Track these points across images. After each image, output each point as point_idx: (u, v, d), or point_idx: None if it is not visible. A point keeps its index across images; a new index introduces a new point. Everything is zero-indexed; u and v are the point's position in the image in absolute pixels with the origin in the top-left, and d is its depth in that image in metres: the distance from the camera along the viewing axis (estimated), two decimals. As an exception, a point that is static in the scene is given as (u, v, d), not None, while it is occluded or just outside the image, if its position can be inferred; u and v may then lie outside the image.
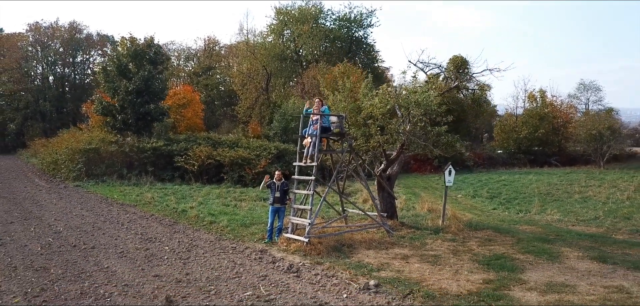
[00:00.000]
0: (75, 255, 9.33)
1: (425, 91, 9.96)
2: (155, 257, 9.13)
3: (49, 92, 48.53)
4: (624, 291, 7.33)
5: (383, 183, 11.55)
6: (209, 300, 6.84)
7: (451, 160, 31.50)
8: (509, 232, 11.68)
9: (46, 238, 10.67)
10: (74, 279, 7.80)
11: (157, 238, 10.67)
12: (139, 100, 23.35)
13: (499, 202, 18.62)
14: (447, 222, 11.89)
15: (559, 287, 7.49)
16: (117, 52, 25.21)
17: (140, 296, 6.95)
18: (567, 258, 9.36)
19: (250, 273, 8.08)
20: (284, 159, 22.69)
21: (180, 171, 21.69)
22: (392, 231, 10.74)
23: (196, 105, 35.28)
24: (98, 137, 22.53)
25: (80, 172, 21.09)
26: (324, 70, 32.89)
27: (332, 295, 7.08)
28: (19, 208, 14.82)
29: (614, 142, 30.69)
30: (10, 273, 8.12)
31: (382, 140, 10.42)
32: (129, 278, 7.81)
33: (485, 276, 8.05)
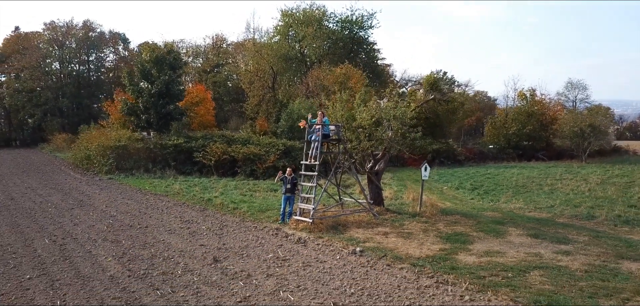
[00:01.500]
0: (134, 232, 12.39)
1: (400, 107, 12.90)
2: (197, 233, 12.18)
3: (67, 89, 51.67)
4: (538, 256, 10.29)
5: (371, 177, 14.53)
6: (243, 260, 9.87)
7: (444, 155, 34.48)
8: (473, 217, 14.64)
9: (106, 221, 13.73)
10: (141, 247, 10.86)
11: (194, 220, 13.72)
12: (161, 101, 26.38)
13: (478, 193, 21.53)
14: (424, 208, 14.86)
15: (492, 253, 10.46)
16: (140, 58, 28.07)
17: (195, 258, 9.98)
18: (509, 235, 12.33)
19: (270, 244, 11.11)
20: (290, 155, 25.66)
21: (199, 165, 24.76)
22: (377, 215, 13.73)
23: (208, 103, 38.27)
24: (126, 135, 25.59)
25: (111, 166, 24.19)
26: (327, 72, 35.79)
27: (329, 257, 10.10)
28: (70, 197, 17.91)
29: (594, 138, 33.47)
30: (93, 243, 11.18)
31: (369, 145, 13.40)
32: (182, 247, 10.86)
33: (443, 246, 11.03)
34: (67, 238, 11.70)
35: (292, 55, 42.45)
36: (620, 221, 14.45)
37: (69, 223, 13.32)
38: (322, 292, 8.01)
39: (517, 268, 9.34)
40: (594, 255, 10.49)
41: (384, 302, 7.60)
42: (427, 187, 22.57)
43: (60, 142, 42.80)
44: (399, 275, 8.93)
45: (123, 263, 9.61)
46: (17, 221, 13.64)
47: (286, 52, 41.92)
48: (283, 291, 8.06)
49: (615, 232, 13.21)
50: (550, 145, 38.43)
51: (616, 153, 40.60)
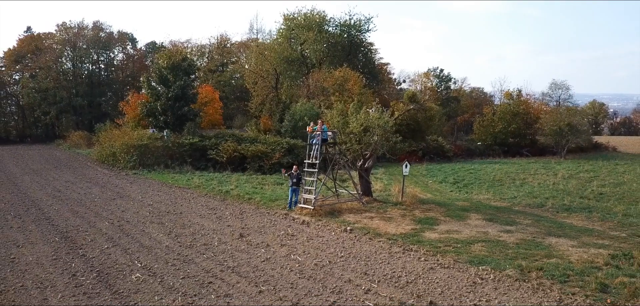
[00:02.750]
0: (172, 217, 15.76)
1: (383, 117, 16.22)
2: (222, 217, 15.56)
3: (80, 88, 54.96)
4: (485, 234, 13.65)
5: (362, 173, 17.88)
6: (262, 235, 13.25)
7: (434, 152, 37.71)
8: (445, 205, 17.99)
9: (146, 208, 17.10)
10: (182, 227, 14.22)
11: (218, 208, 17.10)
12: (177, 104, 29.71)
13: (458, 186, 24.89)
14: (405, 198, 18.20)
15: (451, 232, 13.82)
16: (158, 65, 31.33)
17: (225, 234, 13.36)
18: (469, 219, 15.70)
19: (281, 224, 14.50)
20: (293, 152, 28.97)
21: (212, 161, 28.12)
22: (365, 203, 17.10)
23: (216, 103, 41.66)
24: (147, 135, 28.93)
25: (135, 162, 27.56)
26: (326, 74, 39.07)
27: (326, 233, 13.47)
28: (108, 190, 21.29)
29: (571, 136, 36.81)
30: (144, 226, 14.55)
31: (359, 147, 16.74)
32: (213, 227, 14.23)
33: (414, 227, 14.38)
34: (121, 221, 15.08)
35: (294, 57, 45.70)
36: (563, 209, 17.83)
37: (118, 210, 16.71)
38: (321, 255, 11.39)
39: (466, 241, 12.71)
40: (528, 233, 13.86)
41: (364, 262, 10.98)
42: (414, 180, 25.97)
43: (76, 139, 46.11)
44: (377, 245, 12.32)
45: (172, 238, 13.00)
46: (74, 208, 17.02)
47: (288, 54, 45.16)
48: (293, 255, 11.44)
49: (555, 217, 16.60)
50: (535, 142, 41.80)
51: (597, 150, 43.96)
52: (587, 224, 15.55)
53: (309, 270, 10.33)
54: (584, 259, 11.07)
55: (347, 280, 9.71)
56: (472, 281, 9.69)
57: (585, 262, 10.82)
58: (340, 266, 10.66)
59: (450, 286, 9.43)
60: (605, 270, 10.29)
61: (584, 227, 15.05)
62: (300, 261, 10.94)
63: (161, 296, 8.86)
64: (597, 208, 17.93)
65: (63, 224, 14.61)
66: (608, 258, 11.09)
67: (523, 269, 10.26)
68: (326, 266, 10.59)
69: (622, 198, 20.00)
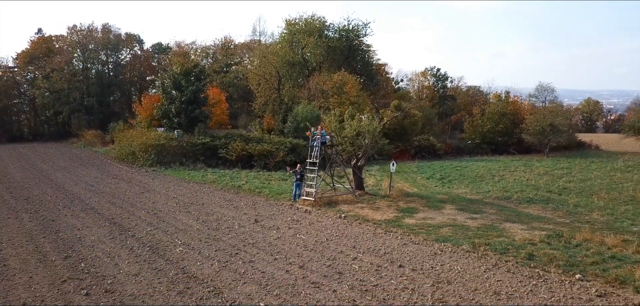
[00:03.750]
0: (197, 207, 19.03)
1: (373, 124, 19.47)
2: (238, 207, 18.84)
3: (92, 89, 58.19)
4: (454, 220, 16.92)
5: (355, 170, 21.15)
6: (273, 220, 16.53)
7: (426, 150, 40.87)
8: (426, 198, 21.24)
9: (172, 200, 20.37)
10: (207, 215, 17.51)
11: (233, 200, 20.38)
12: (190, 107, 32.95)
13: (442, 182, 28.10)
14: (392, 192, 21.47)
15: (427, 219, 17.08)
16: (172, 71, 34.53)
17: (243, 220, 16.64)
18: (444, 209, 18.96)
19: (287, 213, 17.78)
20: (295, 151, 32.18)
21: (222, 160, 31.37)
22: (358, 196, 20.37)
23: (223, 104, 44.88)
24: (163, 135, 32.19)
25: (153, 160, 30.82)
26: (326, 78, 42.27)
27: (324, 219, 16.76)
28: (134, 185, 24.56)
29: (552, 135, 40.04)
30: (174, 214, 17.83)
31: (353, 148, 20.00)
32: (232, 215, 17.52)
33: (397, 214, 17.65)
34: (154, 210, 18.37)
35: (296, 60, 48.87)
36: (526, 201, 21.08)
37: (149, 202, 20.00)
38: (320, 235, 14.67)
39: (437, 226, 15.99)
40: (490, 219, 17.13)
41: (353, 239, 14.25)
42: (404, 176, 29.23)
43: (90, 137, 49.33)
44: (364, 228, 15.61)
45: (200, 223, 16.29)
46: (111, 200, 20.30)
47: (290, 58, 48.34)
48: (298, 235, 14.73)
49: (516, 208, 19.86)
50: (521, 141, 45.00)
51: (580, 148, 47.21)
52: (541, 213, 18.81)
53: (310, 245, 13.61)
54: (525, 238, 14.34)
55: (340, 252, 12.99)
56: (434, 253, 12.98)
57: (525, 240, 14.08)
58: (335, 242, 13.94)
59: (417, 255, 12.72)
60: (539, 245, 13.54)
61: (537, 215, 18.31)
62: (304, 239, 14.23)
63: (202, 262, 12.14)
64: (555, 200, 21.20)
65: (107, 212, 17.91)
66: (544, 237, 14.35)
67: (475, 244, 13.55)
68: (324, 243, 13.87)
69: (581, 192, 23.26)
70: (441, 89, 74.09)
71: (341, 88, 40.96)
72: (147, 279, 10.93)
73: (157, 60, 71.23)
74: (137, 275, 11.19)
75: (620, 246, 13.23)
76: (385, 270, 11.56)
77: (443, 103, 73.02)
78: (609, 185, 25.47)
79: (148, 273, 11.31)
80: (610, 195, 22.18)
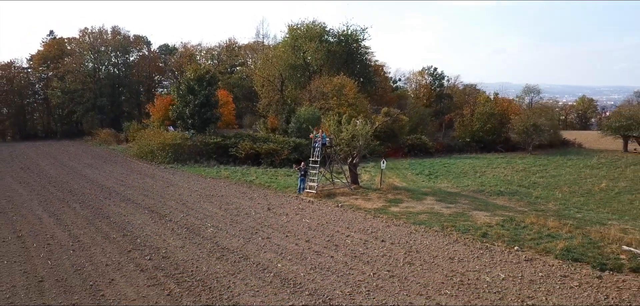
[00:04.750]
0: (216, 198, 22.82)
1: (365, 127, 23.26)
2: (253, 198, 22.64)
3: (104, 90, 61.92)
4: (432, 208, 20.70)
5: (351, 167, 24.94)
6: (282, 208, 20.34)
7: (418, 148, 44.49)
8: (412, 191, 25.00)
9: (194, 193, 24.16)
10: (227, 205, 21.30)
11: (247, 193, 24.18)
12: (203, 110, 36.72)
13: (430, 177, 31.87)
14: (383, 185, 25.24)
15: (409, 208, 20.86)
16: (187, 77, 38.22)
17: (257, 208, 20.45)
18: (426, 200, 22.74)
19: (294, 202, 21.60)
20: (298, 149, 35.90)
21: (233, 157, 35.13)
22: (353, 189, 24.17)
23: (230, 105, 48.62)
24: (179, 135, 35.97)
25: (170, 158, 34.59)
26: (326, 81, 45.98)
27: (324, 208, 20.57)
28: (157, 180, 28.32)
29: (536, 135, 43.78)
30: (199, 203, 21.63)
31: (348, 149, 23.80)
32: (248, 204, 21.32)
33: (385, 204, 21.43)
34: (182, 200, 22.16)
35: (298, 64, 52.59)
36: (496, 193, 24.85)
37: (175, 194, 23.79)
38: (321, 220, 18.47)
39: (416, 213, 19.76)
40: (461, 208, 20.89)
41: (347, 223, 18.05)
42: (396, 172, 32.99)
43: (105, 136, 53.10)
44: (357, 214, 19.40)
45: (223, 210, 20.09)
46: (143, 193, 24.08)
47: (292, 61, 52.06)
48: (303, 219, 18.53)
49: (487, 199, 23.63)
50: (508, 139, 48.74)
51: (564, 146, 50.95)
52: (507, 203, 22.59)
53: (313, 226, 17.42)
54: (485, 222, 18.12)
55: (336, 231, 16.79)
56: (410, 232, 16.78)
57: (485, 223, 17.86)
58: (333, 224, 17.75)
59: (396, 234, 16.52)
60: (494, 227, 17.30)
61: (503, 205, 22.09)
62: (308, 222, 18.03)
63: (230, 239, 15.93)
64: (521, 193, 24.99)
65: (143, 203, 21.71)
66: (500, 222, 18.13)
67: (443, 226, 17.34)
68: (324, 225, 17.67)
69: (547, 186, 27.05)
70: (438, 88, 77.59)
71: (340, 90, 44.68)
72: (191, 250, 14.73)
73: (164, 61, 74.99)
74: (183, 247, 15.00)
75: (557, 228, 16.98)
76: (370, 243, 15.36)
77: (440, 101, 76.65)
78: (575, 180, 29.27)
79: (191, 246, 15.12)
80: (571, 189, 25.98)
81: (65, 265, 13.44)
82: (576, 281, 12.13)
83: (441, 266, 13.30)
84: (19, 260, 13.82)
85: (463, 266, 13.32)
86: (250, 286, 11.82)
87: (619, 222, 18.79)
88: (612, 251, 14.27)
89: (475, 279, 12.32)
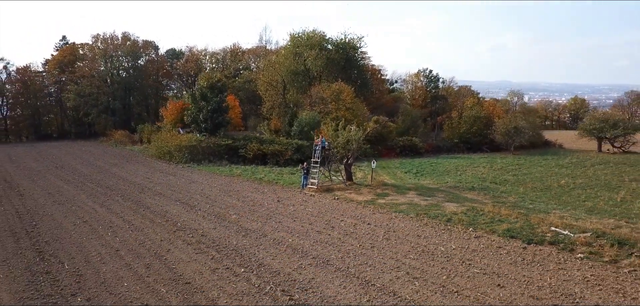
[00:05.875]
0: (233, 192, 27.63)
1: (357, 133, 28.10)
2: (264, 193, 27.46)
3: (117, 93, 66.70)
4: (411, 200, 25.48)
5: (346, 167, 29.77)
6: (289, 200, 25.16)
7: (409, 148, 49.35)
8: (398, 187, 29.79)
9: (214, 188, 28.95)
10: (243, 199, 26.13)
11: (258, 188, 28.99)
12: (214, 115, 41.51)
13: (416, 175, 36.62)
14: (373, 182, 30.05)
15: (393, 200, 25.67)
16: (200, 85, 42.95)
17: (268, 201, 25.28)
18: (408, 194, 27.55)
19: (298, 196, 26.43)
20: (300, 150, 40.66)
21: (242, 158, 39.92)
22: (348, 185, 28.99)
23: (236, 109, 53.41)
24: (194, 138, 40.76)
25: (187, 158, 39.37)
26: (325, 87, 50.75)
27: (324, 200, 25.41)
28: (178, 177, 33.11)
29: (516, 136, 48.63)
30: (220, 197, 26.45)
31: (344, 152, 28.64)
32: (261, 197, 26.15)
33: (373, 197, 26.24)
34: (204, 195, 26.95)
35: (299, 70, 57.34)
36: (468, 188, 29.65)
37: (198, 189, 28.58)
38: (321, 209, 23.30)
39: (398, 204, 24.57)
40: (437, 200, 25.68)
41: (342, 211, 22.87)
42: (387, 171, 37.80)
43: (119, 137, 57.87)
44: (350, 205, 24.23)
45: (241, 202, 24.91)
46: (170, 189, 28.87)
47: (294, 68, 56.82)
48: (307, 208, 23.35)
49: (459, 193, 28.41)
50: (493, 140, 53.59)
51: (545, 146, 55.84)
52: (475, 197, 27.39)
53: (315, 214, 22.23)
54: (453, 211, 22.91)
55: (333, 217, 21.60)
56: (390, 218, 21.60)
57: (452, 212, 22.64)
58: (330, 212, 22.57)
59: (380, 219, 21.33)
60: (459, 214, 22.06)
61: (471, 198, 26.88)
62: (310, 211, 22.85)
63: (250, 223, 20.73)
64: (490, 188, 29.81)
65: (173, 196, 26.51)
66: (464, 211, 22.91)
67: (418, 214, 22.16)
68: (323, 213, 22.49)
69: (515, 183, 31.85)
70: (433, 90, 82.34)
71: (338, 95, 49.43)
72: (221, 230, 19.55)
73: (171, 65, 79.75)
74: (215, 229, 19.82)
75: (507, 215, 21.77)
76: (359, 226, 20.19)
77: (435, 102, 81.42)
78: (541, 177, 34.10)
79: (221, 228, 19.94)
80: (534, 185, 30.80)
81: (130, 240, 18.27)
82: (506, 250, 16.95)
83: (410, 241, 18.14)
84: (94, 237, 18.64)
85: (427, 241, 18.16)
86: (270, 253, 16.64)
87: (562, 211, 23.60)
88: (542, 231, 19.07)
89: (433, 249, 17.14)
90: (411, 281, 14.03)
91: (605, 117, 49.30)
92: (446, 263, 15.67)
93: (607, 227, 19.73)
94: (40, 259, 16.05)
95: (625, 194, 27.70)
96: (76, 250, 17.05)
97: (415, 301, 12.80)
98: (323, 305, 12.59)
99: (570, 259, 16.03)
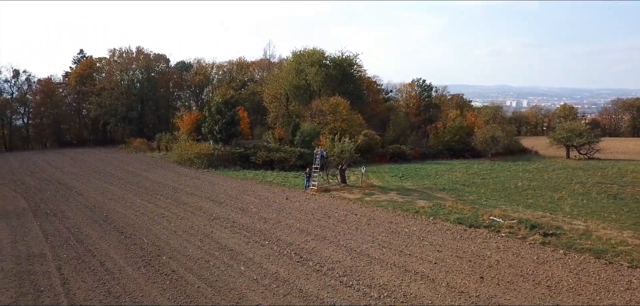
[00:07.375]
0: (250, 193, 35.06)
1: (349, 144, 35.51)
2: (274, 193, 34.90)
3: (134, 104, 74.24)
4: (392, 198, 32.96)
5: (340, 171, 37.18)
6: (295, 198, 32.60)
7: (398, 155, 57.17)
8: (383, 188, 37.16)
9: (233, 189, 36.37)
10: (258, 197, 33.55)
11: (269, 189, 36.43)
12: (228, 127, 48.99)
13: (401, 179, 43.99)
14: (363, 184, 37.46)
15: (377, 198, 33.04)
16: (216, 101, 50.44)
17: (278, 198, 32.72)
18: (391, 193, 34.95)
19: (302, 195, 33.88)
20: (303, 158, 48.02)
21: (253, 164, 47.34)
22: (342, 186, 36.41)
23: (245, 120, 60.92)
24: (212, 147, 48.24)
25: (205, 164, 46.78)
26: (324, 101, 58.29)
27: (322, 199, 32.86)
28: (201, 181, 40.52)
29: (493, 145, 56.12)
30: (240, 196, 33.89)
31: (339, 159, 36.06)
32: (273, 196, 33.59)
33: (362, 196, 33.64)
34: (227, 194, 34.36)
35: (301, 84, 64.91)
36: (440, 189, 37.04)
37: (220, 190, 36.00)
38: (320, 205, 30.74)
39: (381, 201, 31.98)
40: (412, 198, 33.08)
41: (336, 206, 30.32)
42: (377, 175, 45.28)
43: (138, 144, 65.37)
44: (343, 202, 31.68)
45: (258, 199, 32.36)
46: (198, 189, 36.27)
47: (296, 82, 64.38)
48: (309, 204, 30.78)
49: (432, 193, 35.79)
50: (474, 148, 61.06)
51: (522, 153, 63.32)
52: (443, 195, 34.74)
53: (315, 207, 29.65)
54: (422, 206, 30.30)
55: (329, 210, 29.01)
56: (373, 210, 29.01)
57: (421, 207, 30.03)
58: (327, 207, 30.00)
59: (364, 211, 28.74)
60: (426, 208, 29.45)
61: (440, 197, 34.22)
62: (312, 206, 30.27)
63: (267, 214, 28.14)
64: (457, 189, 37.19)
65: (203, 195, 33.93)
66: (431, 206, 30.30)
67: (394, 208, 29.59)
68: (322, 207, 29.92)
69: (481, 185, 39.25)
70: (426, 98, 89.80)
71: (335, 108, 56.94)
72: (247, 219, 26.97)
73: (181, 76, 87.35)
74: (242, 218, 27.23)
75: (462, 208, 29.16)
76: (349, 215, 27.61)
77: (427, 111, 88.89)
78: (504, 180, 41.52)
79: (246, 217, 27.37)
80: (494, 186, 38.24)
81: (182, 225, 25.70)
82: (451, 232, 24.38)
83: (384, 226, 25.57)
84: (154, 224, 26.06)
85: (396, 226, 25.59)
86: (284, 232, 24.08)
87: (507, 206, 31.00)
88: (483, 219, 26.48)
89: (400, 230, 24.56)
90: (380, 248, 21.47)
91: (572, 127, 56.77)
92: (406, 239, 23.10)
93: (533, 217, 27.16)
94: (124, 237, 23.47)
95: (565, 194, 35.10)
96: (146, 231, 24.47)
97: (382, 259, 20.23)
98: (321, 261, 20.01)
99: (494, 237, 23.46)
